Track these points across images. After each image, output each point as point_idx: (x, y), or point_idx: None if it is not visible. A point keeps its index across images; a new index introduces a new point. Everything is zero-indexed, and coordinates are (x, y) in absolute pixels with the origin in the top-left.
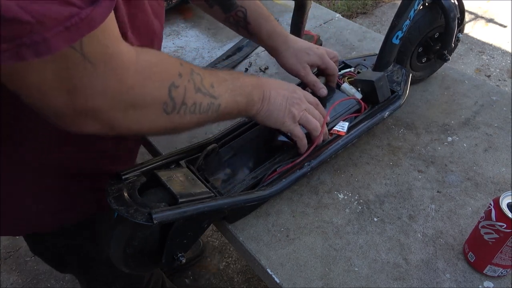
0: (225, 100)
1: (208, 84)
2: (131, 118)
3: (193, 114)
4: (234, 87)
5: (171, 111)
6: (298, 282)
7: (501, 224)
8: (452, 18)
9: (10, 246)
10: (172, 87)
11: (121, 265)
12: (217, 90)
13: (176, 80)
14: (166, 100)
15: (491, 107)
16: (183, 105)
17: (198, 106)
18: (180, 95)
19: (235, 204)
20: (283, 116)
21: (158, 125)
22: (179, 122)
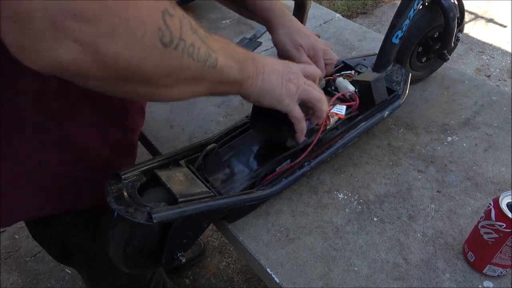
0: (221, 58)
1: (203, 33)
2: (122, 41)
3: (191, 58)
4: (227, 48)
5: (169, 43)
6: (298, 282)
7: (500, 224)
8: (452, 17)
9: (10, 246)
10: (166, 14)
11: (121, 265)
12: (213, 44)
13: (169, 7)
14: (161, 26)
15: (491, 107)
16: (181, 40)
17: (197, 50)
18: (176, 26)
19: (235, 203)
20: (280, 94)
21: (154, 59)
22: (176, 64)
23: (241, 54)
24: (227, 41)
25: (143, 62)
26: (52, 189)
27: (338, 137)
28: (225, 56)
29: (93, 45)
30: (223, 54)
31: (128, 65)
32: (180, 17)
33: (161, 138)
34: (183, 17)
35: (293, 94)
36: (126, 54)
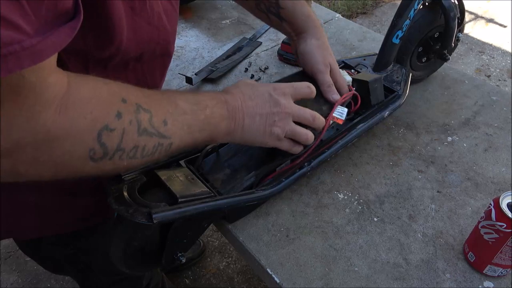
0: (178, 138)
1: (159, 122)
2: (43, 165)
3: (134, 158)
4: (195, 121)
5: (100, 158)
6: (298, 282)
7: (501, 224)
8: (452, 17)
9: (10, 246)
10: (104, 130)
11: (121, 265)
12: (171, 127)
13: (111, 122)
14: (94, 147)
15: (491, 107)
16: (118, 150)
17: (141, 150)
18: (115, 139)
19: (235, 204)
20: (262, 139)
21: (83, 172)
22: (112, 168)
23: (215, 119)
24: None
25: (70, 174)
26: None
27: (338, 137)
28: (188, 132)
29: (12, 170)
30: (185, 132)
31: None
32: (125, 124)
33: None
34: (131, 121)
35: (277, 136)
36: (51, 173)
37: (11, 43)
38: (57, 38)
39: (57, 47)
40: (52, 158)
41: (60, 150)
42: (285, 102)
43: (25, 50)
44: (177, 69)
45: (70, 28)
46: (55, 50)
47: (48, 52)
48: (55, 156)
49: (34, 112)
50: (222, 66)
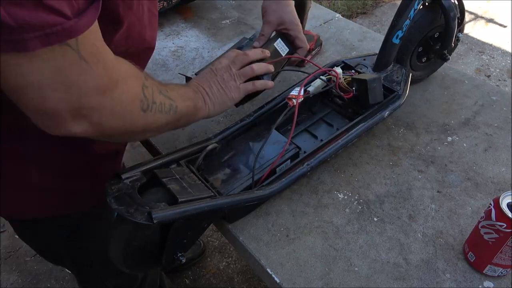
0: (179, 103)
1: (164, 89)
2: (116, 117)
3: (161, 113)
4: (181, 93)
5: (146, 108)
6: (298, 282)
7: (501, 224)
8: (452, 17)
9: (10, 246)
10: (144, 86)
11: (121, 264)
12: (171, 94)
13: (144, 81)
14: (142, 98)
15: (491, 107)
16: (153, 103)
17: (163, 106)
18: (150, 94)
19: (235, 203)
20: (227, 95)
21: (137, 124)
22: (152, 121)
23: (190, 93)
24: (179, 87)
25: (130, 127)
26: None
27: (338, 137)
28: (181, 100)
29: (98, 122)
30: (179, 99)
31: (120, 130)
32: (151, 85)
33: (161, 138)
34: (153, 84)
35: (236, 87)
36: (120, 123)
37: (55, 25)
38: (87, 18)
39: (89, 24)
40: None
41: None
42: (220, 65)
43: (65, 30)
44: (177, 69)
45: (95, 8)
46: (87, 27)
47: (82, 29)
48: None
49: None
50: None
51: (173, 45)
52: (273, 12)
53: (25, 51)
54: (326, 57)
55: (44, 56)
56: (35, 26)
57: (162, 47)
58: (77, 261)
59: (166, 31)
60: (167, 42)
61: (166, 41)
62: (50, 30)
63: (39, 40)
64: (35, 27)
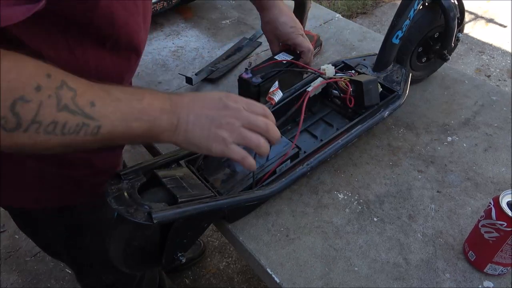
0: (110, 123)
1: (84, 102)
2: None
3: (52, 134)
4: (129, 109)
5: (14, 128)
6: (298, 282)
7: (501, 223)
8: (452, 17)
9: (10, 246)
10: (19, 101)
11: (121, 264)
12: (99, 110)
13: (28, 93)
14: (6, 115)
15: (491, 107)
16: (34, 123)
17: (61, 126)
18: (30, 111)
19: (235, 204)
20: (207, 142)
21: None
22: (27, 142)
23: (155, 111)
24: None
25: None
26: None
27: (338, 137)
28: (121, 119)
29: None
30: (117, 118)
31: None
32: (43, 97)
33: None
34: (50, 95)
35: (223, 140)
36: None
37: None
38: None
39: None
40: None
41: None
42: (235, 106)
43: None
44: (177, 69)
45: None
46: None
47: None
48: None
49: None
50: (222, 66)
51: (173, 45)
52: (270, 32)
53: None
54: (326, 57)
55: None
56: None
57: (162, 47)
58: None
59: (166, 31)
60: (167, 42)
61: (166, 41)
62: None
63: None
64: None
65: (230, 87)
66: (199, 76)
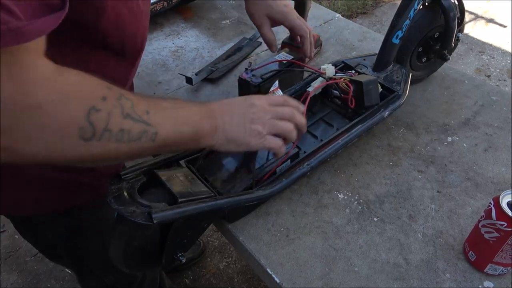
0: (164, 129)
1: (141, 111)
2: (37, 142)
3: (121, 142)
4: (178, 115)
5: (90, 137)
6: (298, 282)
7: (501, 223)
8: (452, 17)
9: (10, 246)
10: (93, 110)
11: (121, 264)
12: (154, 117)
13: (98, 103)
14: (83, 125)
15: (491, 107)
16: (105, 131)
17: (127, 134)
18: (102, 120)
19: (235, 204)
20: (244, 137)
21: (74, 153)
22: (101, 151)
23: (196, 116)
24: (179, 105)
25: (62, 154)
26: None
27: (338, 137)
28: (173, 125)
29: (10, 149)
30: (169, 124)
31: (48, 158)
32: (110, 107)
33: None
34: (115, 105)
35: (259, 133)
36: (43, 152)
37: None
38: (42, 25)
39: (41, 32)
40: (45, 136)
41: (53, 126)
42: (259, 103)
43: (11, 31)
44: (177, 69)
45: (55, 18)
46: (39, 34)
47: (32, 35)
48: (47, 134)
49: (28, 88)
50: (222, 66)
51: (173, 45)
52: (259, 12)
53: None
54: (326, 57)
55: None
56: None
57: (162, 47)
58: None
59: (166, 31)
60: (167, 42)
61: (166, 41)
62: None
63: None
64: None
65: (230, 87)
66: (199, 76)
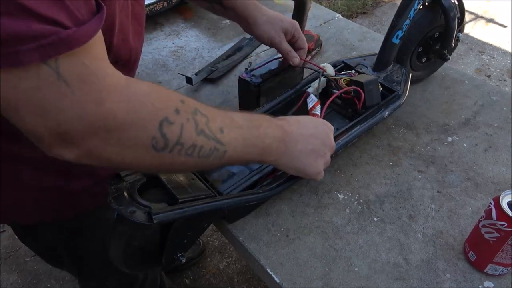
0: (233, 148)
1: (215, 128)
2: (112, 149)
3: (190, 156)
4: (250, 136)
5: (162, 148)
6: (298, 282)
7: (501, 223)
8: (452, 17)
9: (10, 246)
10: (165, 122)
11: (121, 264)
12: (227, 136)
13: (170, 115)
14: (156, 136)
15: (491, 107)
16: (177, 144)
17: (198, 149)
18: (175, 133)
19: (235, 204)
20: (306, 168)
21: (145, 161)
22: (170, 162)
23: (269, 139)
24: (255, 125)
25: (134, 161)
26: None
27: (339, 137)
28: (242, 145)
29: (88, 151)
30: (239, 144)
31: (120, 163)
32: (183, 120)
33: None
34: (188, 119)
35: (319, 167)
36: (119, 157)
37: (50, 35)
38: (89, 28)
39: (91, 35)
40: (120, 143)
41: (127, 135)
42: (329, 141)
43: (62, 39)
44: (177, 69)
45: (98, 19)
46: (89, 37)
47: (83, 39)
48: (122, 141)
49: (101, 97)
50: (222, 66)
51: (173, 45)
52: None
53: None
54: (326, 57)
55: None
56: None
57: (162, 47)
58: (78, 262)
59: (166, 31)
60: (167, 42)
61: (166, 41)
62: (45, 41)
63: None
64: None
65: (230, 87)
66: (199, 76)
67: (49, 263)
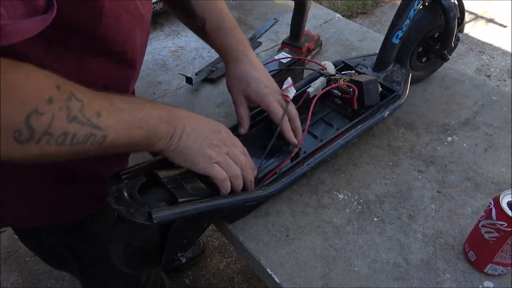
0: (114, 132)
1: (91, 113)
2: None
3: (62, 145)
4: (132, 118)
5: (26, 140)
6: (298, 282)
7: (501, 223)
8: (452, 17)
9: (10, 246)
10: (34, 113)
11: (121, 264)
12: (105, 120)
13: (41, 106)
14: (20, 128)
15: (491, 107)
16: (45, 134)
17: (71, 137)
18: (43, 123)
19: (235, 203)
20: (195, 156)
21: (9, 153)
22: (38, 153)
23: (154, 119)
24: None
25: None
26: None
27: (338, 137)
28: (124, 127)
29: None
30: (121, 127)
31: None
32: (55, 109)
33: None
34: (61, 107)
35: (210, 158)
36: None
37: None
38: (25, 26)
39: (25, 34)
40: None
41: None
42: (226, 135)
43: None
44: (177, 69)
45: (41, 20)
46: (22, 37)
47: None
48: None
49: None
50: (222, 66)
51: (173, 45)
52: (237, 89)
53: None
54: (326, 57)
55: None
56: None
57: (162, 47)
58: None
59: (166, 31)
60: (167, 42)
61: (166, 41)
62: None
63: None
64: None
65: None
66: (199, 76)
67: (49, 264)
